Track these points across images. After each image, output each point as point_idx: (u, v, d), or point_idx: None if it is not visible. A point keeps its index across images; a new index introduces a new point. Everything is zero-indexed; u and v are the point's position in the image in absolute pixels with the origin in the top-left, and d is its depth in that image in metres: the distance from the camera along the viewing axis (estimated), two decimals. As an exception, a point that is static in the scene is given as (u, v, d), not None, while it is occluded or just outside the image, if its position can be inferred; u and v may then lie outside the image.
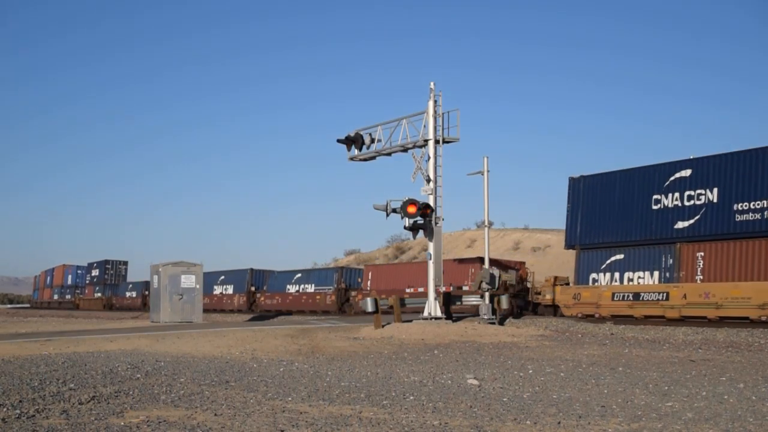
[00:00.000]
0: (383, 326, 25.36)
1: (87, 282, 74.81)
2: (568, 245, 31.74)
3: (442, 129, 27.31)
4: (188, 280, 33.23)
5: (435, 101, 27.23)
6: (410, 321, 26.25)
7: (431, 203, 26.71)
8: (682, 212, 27.42)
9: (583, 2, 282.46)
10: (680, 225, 27.44)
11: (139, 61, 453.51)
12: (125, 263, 72.28)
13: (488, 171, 29.59)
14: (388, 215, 26.61)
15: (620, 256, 28.82)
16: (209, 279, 51.29)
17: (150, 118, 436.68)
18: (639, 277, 28.20)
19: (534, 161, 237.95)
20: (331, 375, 13.42)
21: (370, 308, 26.25)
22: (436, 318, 26.41)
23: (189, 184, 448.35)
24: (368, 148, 29.15)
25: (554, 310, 31.38)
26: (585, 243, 30.30)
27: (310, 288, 48.60)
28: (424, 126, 27.38)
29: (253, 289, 53.06)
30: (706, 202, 26.74)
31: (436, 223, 26.67)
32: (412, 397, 10.57)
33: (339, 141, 29.36)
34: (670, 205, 27.90)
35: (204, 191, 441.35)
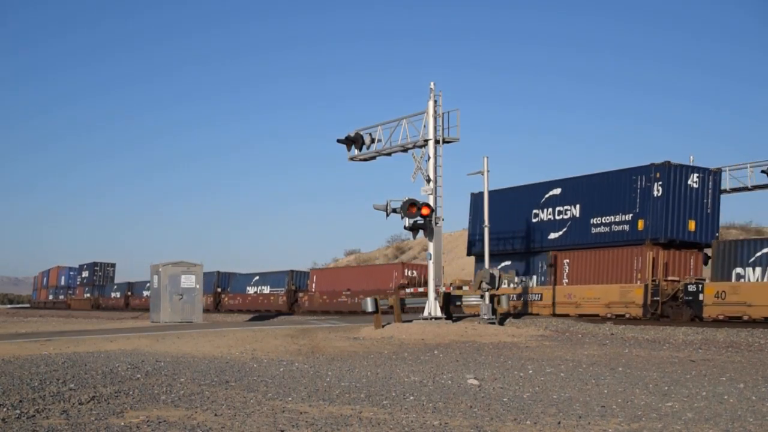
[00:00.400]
0: (383, 326, 25.36)
1: (78, 283, 78.95)
2: (469, 253, 36.44)
3: (442, 129, 27.32)
4: (188, 280, 33.23)
5: (435, 101, 27.23)
6: (410, 321, 26.26)
7: (431, 203, 26.71)
8: (554, 225, 32.49)
9: (583, 2, 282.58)
10: (553, 236, 32.44)
11: (139, 61, 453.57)
12: (113, 265, 76.96)
13: (488, 171, 29.63)
14: (388, 215, 26.60)
15: (508, 263, 33.65)
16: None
17: (150, 118, 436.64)
18: (522, 281, 33.22)
19: (534, 161, 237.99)
20: (331, 375, 13.42)
21: (370, 308, 26.25)
22: (436, 318, 26.41)
23: (189, 184, 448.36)
24: (368, 148, 29.14)
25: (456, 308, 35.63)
26: (482, 250, 32.04)
27: (266, 289, 52.99)
28: (424, 126, 27.38)
29: (219, 290, 57.07)
30: (571, 216, 31.91)
31: (436, 223, 26.66)
32: (412, 397, 10.57)
33: (339, 141, 29.36)
34: (545, 219, 32.89)
35: (204, 191, 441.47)
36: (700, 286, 26.83)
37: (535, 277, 32.98)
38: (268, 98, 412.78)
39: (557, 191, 32.68)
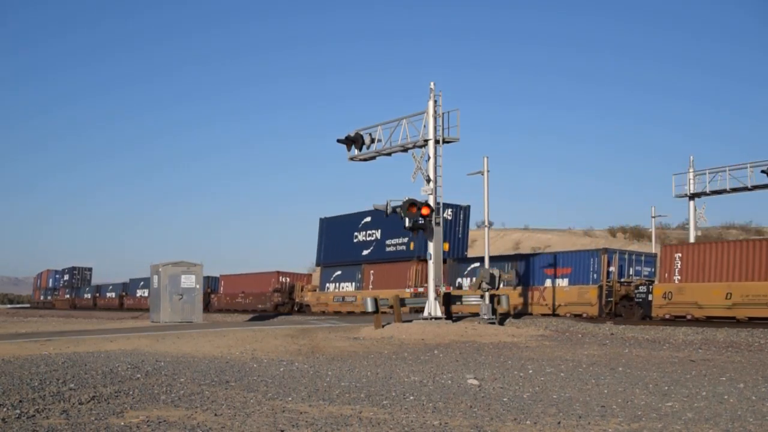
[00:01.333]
0: (383, 326, 25.36)
1: (61, 285, 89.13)
2: (317, 264, 47.91)
3: (442, 129, 27.31)
4: (188, 280, 33.21)
5: (435, 101, 27.23)
6: (410, 321, 26.26)
7: (431, 203, 26.71)
8: (366, 244, 42.70)
9: (583, 2, 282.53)
10: (365, 252, 42.64)
11: (139, 61, 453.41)
12: (90, 269, 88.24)
13: (488, 171, 29.63)
14: (387, 215, 26.59)
15: (339, 272, 44.48)
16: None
17: (150, 118, 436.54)
18: (346, 286, 43.97)
19: (534, 161, 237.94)
20: (331, 375, 13.42)
21: (370, 308, 26.24)
22: (436, 318, 26.41)
23: (189, 184, 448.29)
24: (368, 148, 29.14)
25: (308, 307, 46.47)
26: (325, 262, 46.07)
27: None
28: (424, 126, 27.38)
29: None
30: (375, 238, 42.07)
31: (436, 223, 26.66)
32: (412, 397, 10.57)
33: (339, 141, 29.35)
34: (362, 240, 43.08)
35: (204, 191, 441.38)
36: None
37: (354, 284, 43.38)
38: (268, 98, 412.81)
39: (368, 219, 42.45)
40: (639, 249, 44.74)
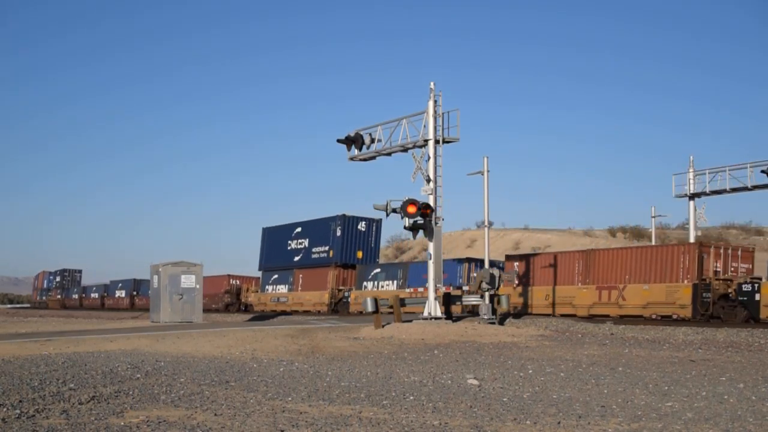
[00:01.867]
0: (383, 326, 25.36)
1: (54, 286, 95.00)
2: (259, 268, 53.13)
3: (442, 129, 27.32)
4: (188, 280, 33.19)
5: (435, 101, 27.24)
6: (410, 321, 26.26)
7: (431, 203, 26.70)
8: (297, 252, 48.74)
9: (583, 2, 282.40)
10: (296, 258, 48.69)
11: (139, 61, 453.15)
12: (79, 271, 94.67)
13: (488, 171, 29.62)
14: (388, 215, 26.60)
15: (276, 276, 50.44)
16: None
17: (150, 118, 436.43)
18: (281, 288, 49.87)
19: (534, 161, 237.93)
20: (331, 375, 13.42)
21: (370, 308, 26.24)
22: (436, 318, 26.41)
23: (189, 184, 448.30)
24: (368, 148, 29.15)
25: (251, 306, 52.45)
26: (265, 267, 52.17)
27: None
28: (424, 126, 27.38)
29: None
30: (304, 246, 48.11)
31: (436, 223, 26.66)
32: (412, 397, 10.57)
33: (339, 141, 29.37)
34: (294, 247, 49.19)
35: (204, 191, 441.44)
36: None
37: (287, 286, 49.23)
38: (268, 98, 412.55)
39: (299, 229, 48.95)
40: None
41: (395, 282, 41.18)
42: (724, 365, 15.66)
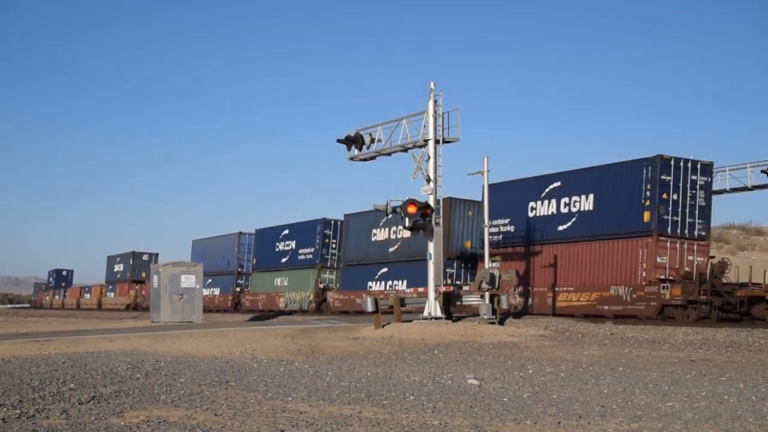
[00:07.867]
0: (383, 326, 25.34)
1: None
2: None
3: (442, 129, 27.28)
4: (188, 280, 33.16)
5: (435, 101, 27.20)
6: (410, 321, 26.25)
7: (431, 203, 26.69)
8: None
9: (583, 2, 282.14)
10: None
11: (139, 61, 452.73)
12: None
13: (488, 171, 29.60)
14: (388, 215, 26.56)
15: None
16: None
17: (150, 117, 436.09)
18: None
19: (534, 161, 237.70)
20: (331, 375, 13.42)
21: (370, 308, 26.21)
22: (436, 318, 26.39)
23: (189, 184, 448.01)
24: (368, 148, 29.11)
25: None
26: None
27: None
28: (424, 126, 27.35)
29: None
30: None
31: (436, 223, 26.65)
32: (412, 397, 10.57)
33: (339, 141, 29.33)
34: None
35: (203, 191, 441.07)
36: None
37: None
38: (268, 97, 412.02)
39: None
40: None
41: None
42: (724, 365, 15.65)
